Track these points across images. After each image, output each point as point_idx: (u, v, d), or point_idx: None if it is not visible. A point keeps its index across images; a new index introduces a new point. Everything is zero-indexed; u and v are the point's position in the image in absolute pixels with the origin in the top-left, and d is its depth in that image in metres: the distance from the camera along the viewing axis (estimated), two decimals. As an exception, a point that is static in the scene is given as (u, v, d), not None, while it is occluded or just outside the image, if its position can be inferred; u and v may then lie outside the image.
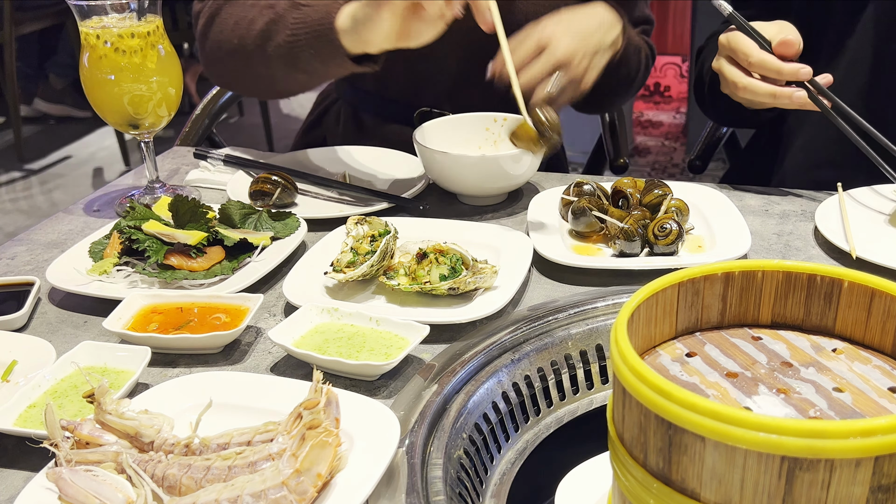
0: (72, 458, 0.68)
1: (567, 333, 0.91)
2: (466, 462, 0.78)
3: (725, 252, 1.01)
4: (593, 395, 0.91)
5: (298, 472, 0.64)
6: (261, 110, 4.00)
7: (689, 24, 4.26)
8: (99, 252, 1.06)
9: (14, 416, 0.77)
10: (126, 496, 0.65)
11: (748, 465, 0.47)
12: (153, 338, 0.88)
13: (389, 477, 0.71)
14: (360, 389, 0.81)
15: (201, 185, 1.34)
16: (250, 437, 0.70)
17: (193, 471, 0.66)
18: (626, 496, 0.55)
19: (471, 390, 0.83)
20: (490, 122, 1.30)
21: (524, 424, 0.87)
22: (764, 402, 0.54)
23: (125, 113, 1.20)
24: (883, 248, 1.02)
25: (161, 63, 1.19)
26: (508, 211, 1.21)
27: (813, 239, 1.10)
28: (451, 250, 0.97)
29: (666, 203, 1.06)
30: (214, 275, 1.01)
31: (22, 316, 0.95)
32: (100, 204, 1.29)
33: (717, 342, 0.61)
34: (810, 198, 1.21)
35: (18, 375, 0.84)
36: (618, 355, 0.52)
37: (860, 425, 0.44)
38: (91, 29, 1.15)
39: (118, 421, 0.70)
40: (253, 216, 1.13)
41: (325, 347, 0.86)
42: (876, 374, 0.57)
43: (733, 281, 0.62)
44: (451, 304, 0.94)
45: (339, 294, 0.98)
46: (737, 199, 1.19)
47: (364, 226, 1.02)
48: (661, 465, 0.51)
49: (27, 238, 1.19)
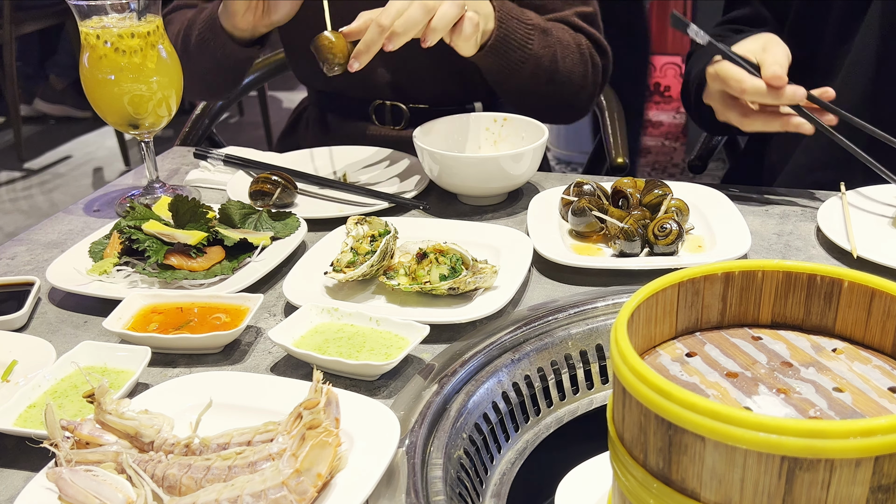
0: (72, 458, 0.68)
1: (567, 333, 0.91)
2: (466, 462, 0.78)
3: (725, 252, 1.01)
4: (593, 395, 0.91)
5: (298, 472, 0.64)
6: (261, 110, 4.00)
7: (689, 25, 4.25)
8: (99, 252, 1.06)
9: (14, 416, 0.77)
10: (126, 496, 0.65)
11: (748, 465, 0.47)
12: (153, 338, 0.88)
13: (389, 477, 0.71)
14: (360, 389, 0.81)
15: (201, 185, 1.34)
16: (250, 437, 0.70)
17: (193, 471, 0.66)
18: (626, 496, 0.55)
19: (471, 390, 0.83)
20: (490, 121, 1.30)
21: (524, 424, 0.87)
22: (764, 402, 0.54)
23: (125, 113, 1.20)
24: (885, 248, 1.02)
25: (161, 63, 1.19)
26: (508, 211, 1.21)
27: (813, 239, 1.10)
28: (451, 250, 0.97)
29: (666, 203, 1.06)
30: (214, 275, 1.01)
31: (22, 316, 0.95)
32: (100, 204, 1.29)
33: (717, 342, 0.61)
34: (810, 198, 1.21)
35: (18, 375, 0.84)
36: (618, 355, 0.52)
37: (860, 425, 0.44)
38: (91, 29, 1.15)
39: (118, 421, 0.70)
40: (253, 216, 1.13)
41: (325, 347, 0.86)
42: (876, 374, 0.57)
43: (733, 281, 0.62)
44: (451, 304, 0.94)
45: (339, 294, 0.98)
46: (737, 199, 1.19)
47: (364, 226, 1.02)
48: (661, 465, 0.51)
49: (27, 238, 1.19)
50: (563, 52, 1.32)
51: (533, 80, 1.31)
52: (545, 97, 1.36)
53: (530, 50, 1.27)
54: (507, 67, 1.27)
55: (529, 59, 1.28)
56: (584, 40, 1.37)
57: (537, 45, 1.28)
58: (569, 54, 1.33)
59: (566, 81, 1.35)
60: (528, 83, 1.31)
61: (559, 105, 1.40)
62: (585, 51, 1.36)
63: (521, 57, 1.27)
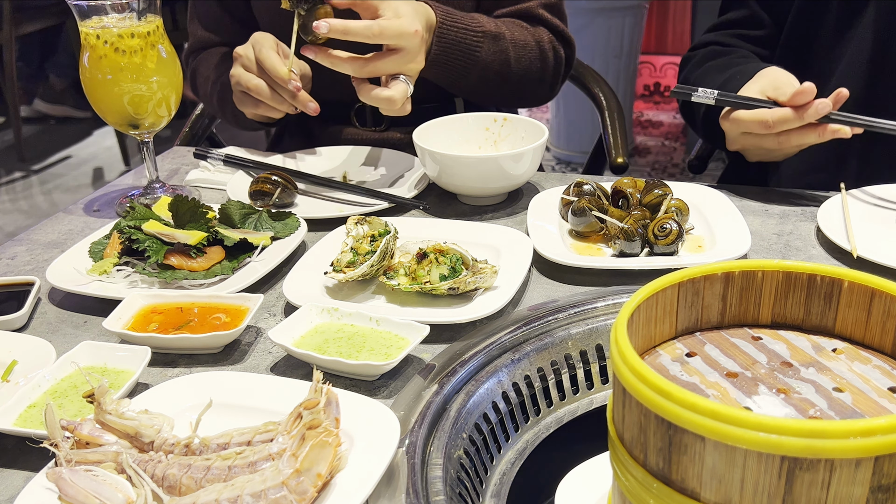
0: (72, 458, 0.68)
1: (567, 333, 0.91)
2: (466, 462, 0.78)
3: (725, 252, 1.01)
4: (593, 395, 0.91)
5: (298, 472, 0.64)
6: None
7: (689, 24, 4.26)
8: (99, 252, 1.06)
9: (14, 416, 0.77)
10: (126, 496, 0.65)
11: (748, 465, 0.47)
12: (153, 338, 0.88)
13: (389, 477, 0.71)
14: (360, 389, 0.81)
15: (201, 185, 1.34)
16: (250, 437, 0.70)
17: (193, 471, 0.66)
18: (626, 496, 0.55)
19: (471, 390, 0.83)
20: (490, 121, 1.30)
21: (524, 424, 0.87)
22: (764, 402, 0.54)
23: (125, 113, 1.20)
24: (885, 248, 1.02)
25: (161, 63, 1.19)
26: (508, 211, 1.21)
27: (813, 238, 1.10)
28: (451, 250, 0.97)
29: (666, 203, 1.06)
30: (214, 275, 1.01)
31: (22, 316, 0.95)
32: (100, 204, 1.29)
33: (717, 342, 0.61)
34: (810, 198, 1.21)
35: (18, 375, 0.84)
36: (618, 355, 0.52)
37: (860, 425, 0.44)
38: (91, 29, 1.15)
39: (118, 421, 0.70)
40: (253, 216, 1.13)
41: (325, 347, 0.86)
42: (876, 374, 0.57)
43: (733, 281, 0.62)
44: (451, 304, 0.94)
45: (339, 294, 0.98)
46: (737, 199, 1.19)
47: (364, 226, 1.02)
48: (661, 465, 0.51)
49: (27, 238, 1.19)
50: (517, 53, 1.34)
51: (482, 83, 1.33)
52: (500, 95, 1.40)
53: (476, 57, 1.29)
54: (452, 74, 1.29)
55: (475, 66, 1.30)
56: (545, 34, 1.39)
57: (485, 51, 1.30)
58: (525, 54, 1.35)
59: (521, 80, 1.37)
60: (478, 86, 1.34)
61: (517, 99, 1.46)
62: (546, 45, 1.38)
63: (465, 65, 1.29)
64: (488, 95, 1.40)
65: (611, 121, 1.69)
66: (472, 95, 1.41)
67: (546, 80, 1.41)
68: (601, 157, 1.72)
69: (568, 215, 1.10)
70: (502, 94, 1.40)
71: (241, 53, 1.26)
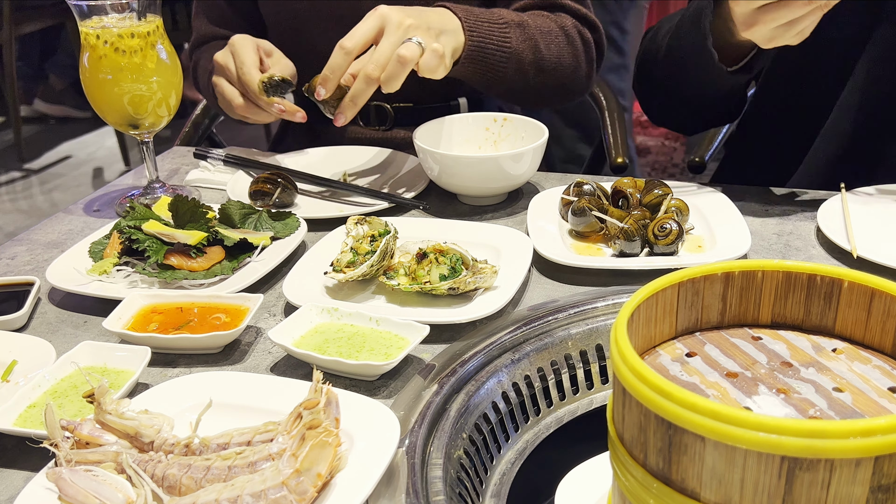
0: (72, 458, 0.68)
1: (567, 333, 0.91)
2: (466, 462, 0.78)
3: (725, 252, 1.01)
4: (593, 395, 0.91)
5: (298, 472, 0.64)
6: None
7: (689, 24, 4.25)
8: (99, 252, 1.06)
9: (14, 416, 0.77)
10: (126, 496, 0.65)
11: (748, 465, 0.47)
12: (153, 338, 0.88)
13: (389, 477, 0.71)
14: (360, 389, 0.81)
15: (201, 185, 1.34)
16: (250, 437, 0.70)
17: (193, 471, 0.66)
18: (626, 496, 0.55)
19: (471, 390, 0.83)
20: (490, 121, 1.30)
21: (524, 424, 0.87)
22: (764, 402, 0.54)
23: (125, 113, 1.20)
24: (885, 248, 1.02)
25: (161, 63, 1.19)
26: (508, 211, 1.21)
27: (813, 238, 1.10)
28: (451, 250, 0.97)
29: (666, 203, 1.06)
30: (214, 275, 1.01)
31: (22, 316, 0.95)
32: (100, 204, 1.29)
33: (717, 342, 0.61)
34: (810, 197, 1.21)
35: (18, 375, 0.84)
36: (618, 355, 0.52)
37: (860, 425, 0.44)
38: (91, 29, 1.15)
39: (118, 421, 0.70)
40: (253, 216, 1.13)
41: (325, 347, 0.86)
42: (876, 374, 0.57)
43: (733, 281, 0.62)
44: (451, 304, 0.94)
45: (339, 294, 0.98)
46: (737, 199, 1.19)
47: (364, 226, 1.02)
48: (661, 465, 0.51)
49: (27, 238, 1.19)
50: (545, 40, 1.31)
51: (519, 75, 1.29)
52: (538, 88, 1.34)
53: (509, 48, 1.26)
54: (490, 71, 1.26)
55: (511, 57, 1.26)
56: (567, 20, 1.35)
57: (515, 40, 1.27)
58: (552, 40, 1.32)
59: (556, 67, 1.33)
60: (516, 80, 1.30)
61: (555, 91, 1.38)
62: (571, 30, 1.35)
63: (502, 57, 1.26)
64: (526, 88, 1.33)
65: (611, 121, 1.69)
66: (511, 93, 1.35)
67: (581, 66, 1.36)
68: (601, 157, 1.72)
69: (568, 215, 1.10)
70: (540, 86, 1.34)
71: (220, 62, 1.26)
